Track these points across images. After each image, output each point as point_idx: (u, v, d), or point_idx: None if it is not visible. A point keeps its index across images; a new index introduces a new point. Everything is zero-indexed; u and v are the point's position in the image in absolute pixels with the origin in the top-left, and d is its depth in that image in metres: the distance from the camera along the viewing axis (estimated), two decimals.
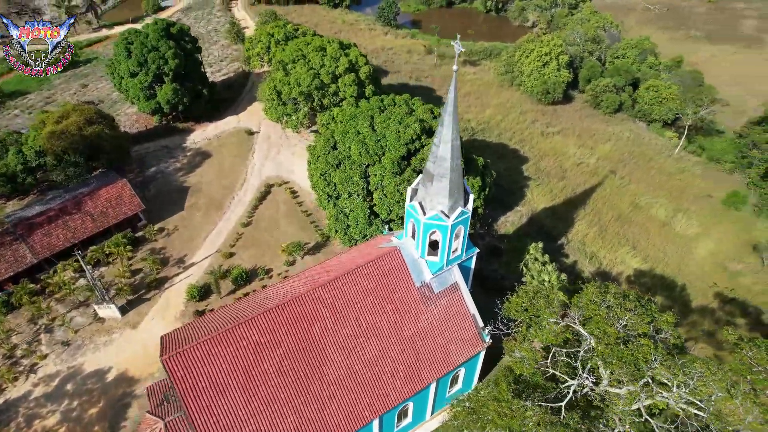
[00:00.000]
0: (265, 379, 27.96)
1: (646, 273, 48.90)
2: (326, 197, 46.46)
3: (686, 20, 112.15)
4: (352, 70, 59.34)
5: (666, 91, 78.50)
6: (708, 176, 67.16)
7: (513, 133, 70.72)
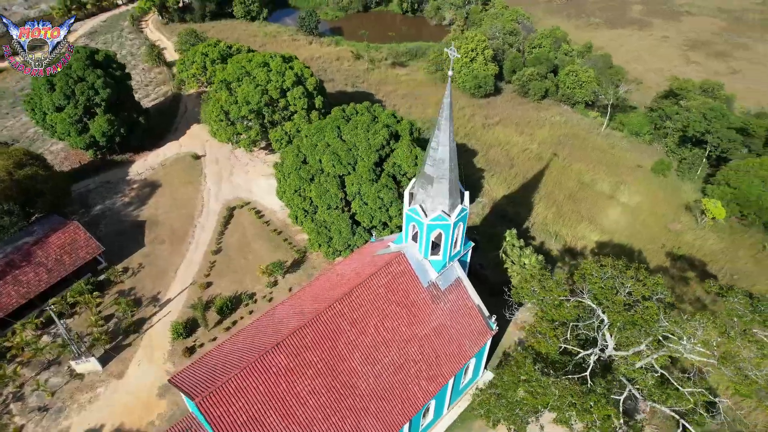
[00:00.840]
0: (301, 403, 27.67)
1: (606, 244, 53.07)
2: (303, 213, 46.13)
3: (585, 9, 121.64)
4: (299, 83, 59.12)
5: (584, 75, 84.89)
6: (633, 149, 73.69)
7: (457, 129, 73.41)
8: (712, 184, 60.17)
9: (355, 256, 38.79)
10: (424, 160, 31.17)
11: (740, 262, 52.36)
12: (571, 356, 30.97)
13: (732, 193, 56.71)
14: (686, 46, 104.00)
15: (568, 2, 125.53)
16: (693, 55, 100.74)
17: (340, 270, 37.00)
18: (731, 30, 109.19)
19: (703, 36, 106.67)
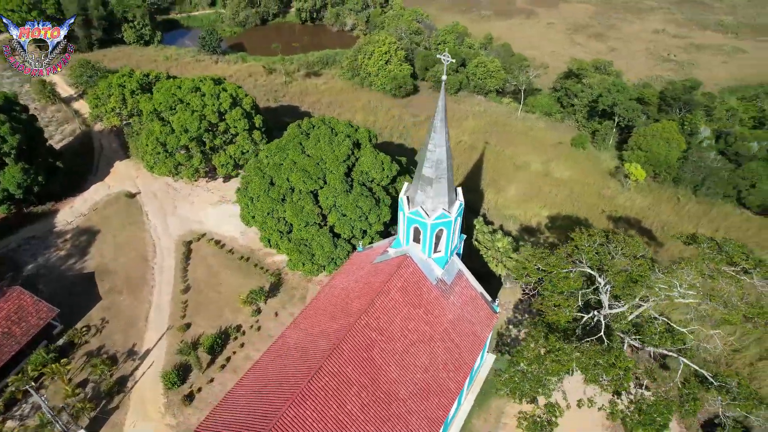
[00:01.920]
0: (353, 419, 27.66)
1: (556, 217, 57.71)
2: (278, 234, 45.19)
3: (476, 3, 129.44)
4: (236, 104, 57.58)
5: (492, 65, 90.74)
6: (549, 128, 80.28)
7: (390, 130, 75.36)
8: (626, 151, 67.53)
9: (349, 268, 39.00)
10: (420, 163, 32.32)
11: (664, 215, 59.53)
12: (576, 322, 33.87)
13: (645, 156, 64.12)
14: (569, 30, 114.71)
15: None
16: (576, 38, 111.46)
17: (340, 284, 37.07)
18: (602, 13, 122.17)
19: (581, 20, 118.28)
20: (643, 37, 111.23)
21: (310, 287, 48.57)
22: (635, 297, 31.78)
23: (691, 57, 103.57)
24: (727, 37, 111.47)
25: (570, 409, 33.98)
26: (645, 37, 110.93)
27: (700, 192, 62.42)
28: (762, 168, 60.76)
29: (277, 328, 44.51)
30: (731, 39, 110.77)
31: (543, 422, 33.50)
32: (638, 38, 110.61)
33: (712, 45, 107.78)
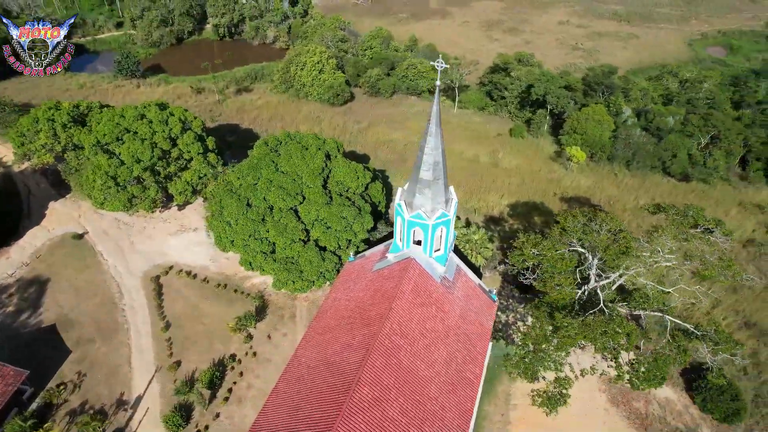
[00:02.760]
0: (397, 425, 28.03)
1: (515, 204, 60.92)
2: (262, 256, 44.19)
3: (390, 7, 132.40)
4: (186, 128, 55.49)
5: (422, 66, 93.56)
6: (486, 121, 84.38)
7: (339, 138, 75.36)
8: (563, 135, 72.58)
9: (347, 278, 39.17)
10: (417, 168, 33.27)
11: (607, 190, 64.78)
12: (572, 298, 36.37)
13: (581, 138, 69.34)
14: (484, 27, 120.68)
15: (373, 3, 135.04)
16: (493, 34, 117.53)
17: (343, 295, 37.18)
18: (510, 9, 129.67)
19: (493, 17, 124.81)
20: (551, 28, 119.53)
21: (297, 305, 47.89)
22: (622, 267, 34.79)
23: (595, 44, 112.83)
24: (621, 25, 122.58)
25: (578, 380, 36.43)
26: (553, 29, 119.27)
27: (633, 166, 68.55)
28: (679, 139, 67.88)
29: (274, 351, 43.63)
30: (625, 26, 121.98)
31: (556, 396, 35.68)
32: (548, 30, 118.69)
33: (610, 32, 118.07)
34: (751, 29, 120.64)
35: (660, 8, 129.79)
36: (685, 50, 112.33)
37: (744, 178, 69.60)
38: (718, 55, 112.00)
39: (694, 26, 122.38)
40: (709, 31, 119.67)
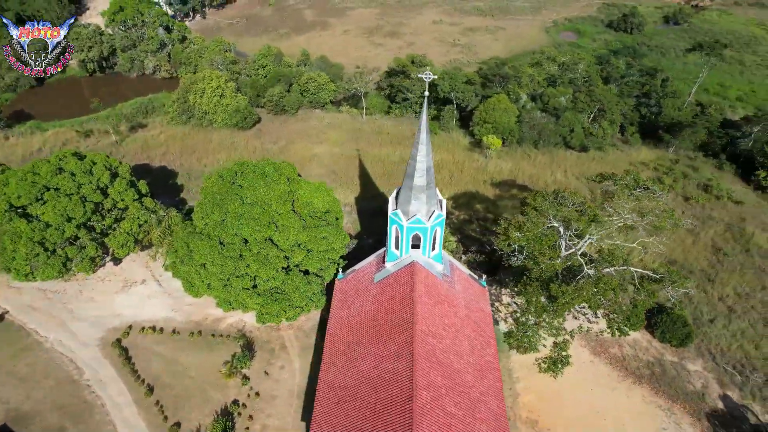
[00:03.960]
0: (458, 419, 29.42)
1: (455, 196, 64.68)
2: (246, 293, 42.51)
3: (267, 24, 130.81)
4: (115, 175, 51.21)
5: (321, 78, 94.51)
6: (395, 124, 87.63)
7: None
8: (475, 126, 78.20)
9: (346, 294, 39.58)
10: (410, 176, 34.76)
11: (527, 170, 71.42)
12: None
13: (492, 127, 75.41)
14: (365, 33, 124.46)
15: (248, 21, 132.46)
16: (375, 39, 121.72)
17: (352, 312, 37.64)
18: (385, 14, 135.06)
19: (371, 23, 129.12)
20: (428, 28, 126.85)
21: (283, 335, 46.73)
22: (588, 234, 39.48)
23: (470, 39, 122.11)
24: (486, 19, 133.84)
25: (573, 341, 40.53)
26: (430, 29, 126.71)
27: (540, 145, 76.17)
28: (573, 116, 76.90)
29: (277, 386, 42.35)
30: (489, 20, 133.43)
31: (559, 359, 39.43)
32: (425, 30, 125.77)
33: (480, 27, 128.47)
34: (588, 15, 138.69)
35: (514, 2, 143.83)
36: (544, 37, 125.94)
37: (625, 142, 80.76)
38: (570, 39, 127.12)
39: (546, 16, 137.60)
40: (558, 19, 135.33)
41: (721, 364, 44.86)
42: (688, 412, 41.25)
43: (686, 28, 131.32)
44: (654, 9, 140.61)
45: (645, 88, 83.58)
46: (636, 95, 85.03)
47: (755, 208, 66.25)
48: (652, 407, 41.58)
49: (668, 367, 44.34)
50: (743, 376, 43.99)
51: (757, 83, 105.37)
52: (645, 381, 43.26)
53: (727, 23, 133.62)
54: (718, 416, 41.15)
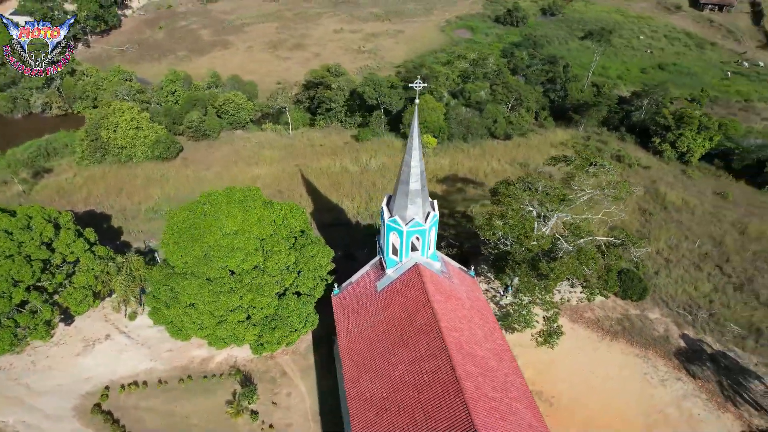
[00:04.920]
0: (497, 400, 31.09)
1: None
2: (242, 326, 40.93)
3: (162, 48, 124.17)
4: (57, 226, 46.78)
5: (238, 99, 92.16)
6: (323, 135, 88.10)
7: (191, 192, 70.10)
8: (403, 128, 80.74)
9: (348, 308, 39.82)
10: (404, 182, 35.85)
11: (466, 162, 75.31)
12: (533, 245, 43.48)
13: (423, 127, 78.47)
14: (270, 48, 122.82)
15: (141, 47, 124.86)
16: (281, 53, 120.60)
17: (361, 324, 37.97)
18: (284, 27, 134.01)
19: (273, 37, 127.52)
20: (331, 38, 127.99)
21: (279, 361, 45.65)
22: (557, 211, 43.31)
23: (374, 45, 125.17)
24: (384, 24, 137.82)
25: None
26: (333, 38, 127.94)
27: (469, 139, 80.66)
28: (494, 108, 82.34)
29: (290, 413, 41.50)
30: (388, 24, 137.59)
31: (553, 331, 42.74)
32: (329, 40, 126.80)
33: (381, 32, 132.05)
34: (477, 12, 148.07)
35: (406, 5, 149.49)
36: (441, 36, 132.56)
37: (541, 126, 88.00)
38: (464, 36, 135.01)
39: (438, 16, 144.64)
40: (450, 18, 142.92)
41: (674, 309, 51.15)
42: (660, 355, 46.67)
43: (561, 18, 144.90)
44: (531, 2, 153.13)
45: (549, 75, 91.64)
46: (542, 82, 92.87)
47: (660, 171, 75.69)
48: (631, 357, 46.50)
49: (635, 320, 49.71)
50: (692, 315, 50.55)
51: (629, 63, 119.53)
52: (620, 336, 48.17)
53: (594, 12, 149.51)
54: (683, 353, 47.03)
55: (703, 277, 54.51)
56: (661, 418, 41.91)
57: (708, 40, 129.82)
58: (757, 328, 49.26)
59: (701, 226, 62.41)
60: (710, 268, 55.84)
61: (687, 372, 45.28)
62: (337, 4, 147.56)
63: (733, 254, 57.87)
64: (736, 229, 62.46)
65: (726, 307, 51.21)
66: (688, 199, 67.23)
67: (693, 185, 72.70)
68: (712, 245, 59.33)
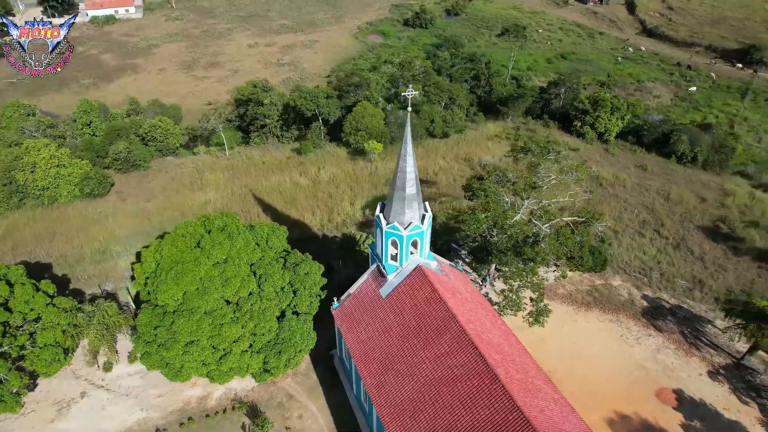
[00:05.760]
0: (523, 381, 33.03)
1: (368, 205, 67.20)
2: (248, 354, 39.59)
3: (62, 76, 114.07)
4: (9, 283, 42.52)
5: (164, 124, 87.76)
6: (262, 152, 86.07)
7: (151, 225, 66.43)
8: (348, 137, 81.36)
9: (353, 318, 40.03)
10: (400, 187, 36.73)
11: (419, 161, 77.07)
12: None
13: (366, 133, 79.60)
14: (184, 69, 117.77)
15: (35, 78, 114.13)
16: (197, 73, 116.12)
17: (371, 332, 38.39)
18: (194, 46, 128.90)
19: (185, 57, 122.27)
20: (247, 53, 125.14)
21: (283, 386, 44.59)
22: (534, 198, 46.47)
23: (292, 56, 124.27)
24: (298, 35, 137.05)
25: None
26: (249, 53, 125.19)
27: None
28: (430, 108, 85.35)
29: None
30: (302, 35, 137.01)
31: (541, 311, 45.62)
32: (245, 55, 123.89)
33: (296, 43, 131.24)
34: (385, 17, 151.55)
35: (316, 15, 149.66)
36: (356, 43, 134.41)
37: (473, 121, 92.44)
38: (378, 41, 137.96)
39: (348, 23, 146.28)
40: (361, 25, 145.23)
41: (631, 274, 56.50)
42: (629, 317, 51.46)
43: (464, 18, 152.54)
44: (434, 4, 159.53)
45: (473, 73, 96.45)
46: (466, 80, 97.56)
47: (587, 151, 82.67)
48: (606, 323, 50.83)
49: (601, 290, 54.27)
50: (647, 276, 56.17)
51: (535, 55, 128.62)
52: (592, 305, 52.42)
53: (493, 10, 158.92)
54: (648, 312, 52.17)
55: (647, 243, 60.66)
56: (642, 373, 46.31)
57: (597, 30, 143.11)
58: (699, 280, 55.82)
59: (634, 197, 69.26)
60: (651, 234, 62.25)
61: (654, 328, 50.34)
62: (245, 19, 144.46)
63: (665, 218, 64.91)
64: (661, 196, 70.05)
65: (671, 266, 57.46)
66: (617, 174, 74.21)
67: (617, 161, 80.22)
68: (647, 213, 66.13)
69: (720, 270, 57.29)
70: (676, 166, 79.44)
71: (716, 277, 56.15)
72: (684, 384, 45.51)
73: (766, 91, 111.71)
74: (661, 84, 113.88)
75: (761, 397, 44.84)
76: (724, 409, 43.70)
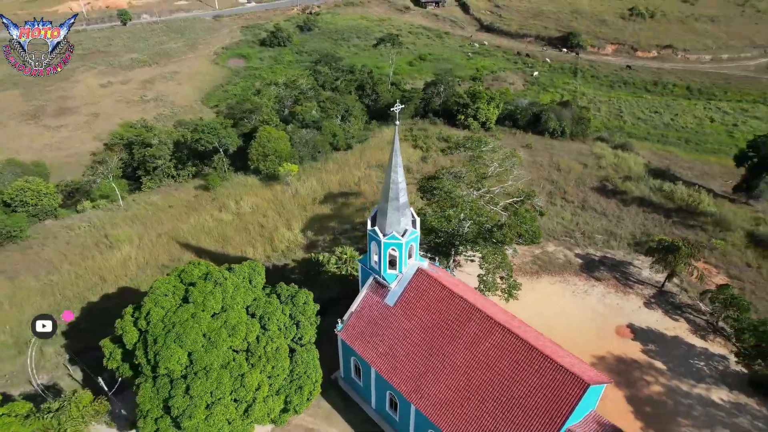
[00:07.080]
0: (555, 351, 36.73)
1: (306, 228, 66.33)
2: (271, 400, 37.53)
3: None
4: None
5: (35, 184, 77.08)
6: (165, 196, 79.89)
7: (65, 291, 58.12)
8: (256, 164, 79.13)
9: (363, 332, 40.59)
10: (394, 198, 38.03)
11: (331, 178, 77.81)
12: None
13: (276, 157, 78.27)
14: (29, 120, 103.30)
15: None
16: (48, 122, 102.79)
17: (386, 340, 39.40)
18: (31, 93, 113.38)
19: (24, 108, 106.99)
20: (100, 93, 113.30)
21: (299, 423, 42.96)
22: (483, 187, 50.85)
23: (155, 91, 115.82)
24: (154, 68, 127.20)
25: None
26: (103, 93, 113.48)
27: (318, 157, 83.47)
28: (329, 123, 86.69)
29: None
30: (158, 68, 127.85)
31: (512, 286, 50.12)
32: (99, 96, 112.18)
33: (155, 77, 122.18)
34: (240, 40, 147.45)
35: (166, 45, 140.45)
36: (219, 69, 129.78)
37: (369, 129, 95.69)
38: (240, 65, 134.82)
39: (204, 50, 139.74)
40: (217, 50, 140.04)
41: (560, 239, 64.31)
42: (573, 274, 58.86)
43: (318, 32, 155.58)
44: (284, 22, 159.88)
45: (357, 83, 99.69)
46: (350, 91, 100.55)
47: None
48: (557, 284, 57.52)
49: (542, 257, 61.05)
50: (573, 238, 64.47)
51: (397, 60, 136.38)
52: (541, 271, 58.84)
53: (343, 21, 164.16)
54: (584, 267, 60.14)
55: (560, 210, 69.36)
56: (599, 317, 53.50)
57: (442, 31, 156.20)
58: (610, 231, 65.67)
59: (533, 172, 78.27)
60: (560, 201, 71.32)
61: (594, 279, 58.27)
62: (84, 57, 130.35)
63: (565, 186, 74.75)
64: (554, 167, 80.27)
65: (586, 224, 66.62)
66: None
67: (505, 144, 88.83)
68: (549, 184, 75.40)
69: (620, 220, 67.96)
70: (552, 141, 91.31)
71: (620, 227, 66.53)
72: (631, 318, 53.63)
73: (588, 69, 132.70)
74: (512, 72, 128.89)
75: (684, 312, 54.70)
76: (665, 329, 52.52)
